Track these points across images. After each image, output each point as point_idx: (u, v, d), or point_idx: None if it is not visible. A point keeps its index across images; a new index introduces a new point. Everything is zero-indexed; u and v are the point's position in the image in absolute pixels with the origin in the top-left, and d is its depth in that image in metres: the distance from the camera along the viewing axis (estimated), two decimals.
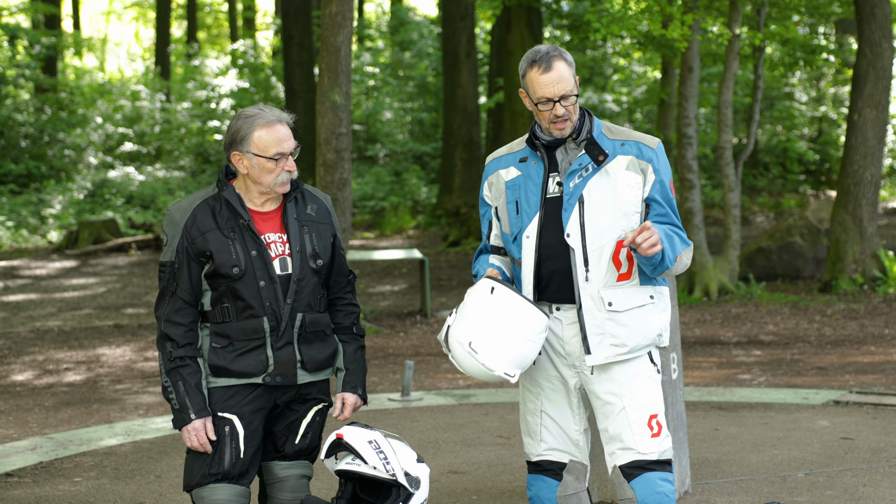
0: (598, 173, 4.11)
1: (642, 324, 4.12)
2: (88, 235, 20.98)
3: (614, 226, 4.09)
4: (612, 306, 4.09)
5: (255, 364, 4.14)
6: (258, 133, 4.12)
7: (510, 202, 4.20)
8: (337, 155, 11.66)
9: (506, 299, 4.01)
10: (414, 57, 30.59)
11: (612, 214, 4.09)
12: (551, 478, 4.22)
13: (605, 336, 4.10)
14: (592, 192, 4.09)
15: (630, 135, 4.19)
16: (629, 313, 4.10)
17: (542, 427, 4.22)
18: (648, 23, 14.17)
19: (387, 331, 12.71)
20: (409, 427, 7.57)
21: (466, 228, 20.80)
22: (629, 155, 4.13)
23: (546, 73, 4.07)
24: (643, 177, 4.12)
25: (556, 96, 4.07)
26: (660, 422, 4.13)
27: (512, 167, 4.23)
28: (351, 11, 11.52)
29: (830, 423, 7.43)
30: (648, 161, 4.13)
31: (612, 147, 4.14)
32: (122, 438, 7.47)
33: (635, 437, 4.10)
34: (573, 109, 4.10)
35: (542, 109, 4.10)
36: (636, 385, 4.13)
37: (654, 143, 4.18)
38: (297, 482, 4.27)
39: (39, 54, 28.86)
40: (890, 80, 14.42)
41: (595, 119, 4.20)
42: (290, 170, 4.14)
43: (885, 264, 14.33)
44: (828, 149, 26.78)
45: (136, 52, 46.06)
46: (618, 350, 4.10)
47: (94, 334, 12.72)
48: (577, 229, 4.08)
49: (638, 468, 4.10)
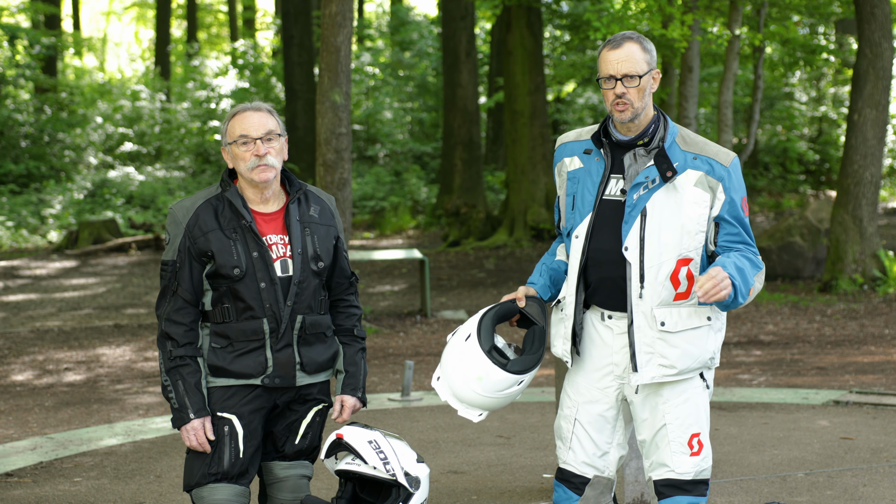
0: (665, 187, 3.94)
1: (695, 346, 3.98)
2: (88, 235, 20.97)
3: (676, 243, 3.94)
4: (664, 326, 3.95)
5: (254, 365, 4.14)
6: (231, 122, 4.18)
7: (569, 195, 4.09)
8: (337, 155, 11.66)
9: (472, 351, 4.05)
10: (414, 57, 30.59)
11: (675, 231, 3.94)
12: (572, 491, 4.11)
13: (654, 356, 3.96)
14: (656, 206, 3.94)
15: (704, 148, 4.01)
16: (682, 335, 3.96)
17: (574, 436, 4.11)
18: (648, 23, 14.17)
19: (387, 331, 12.71)
20: (409, 427, 7.57)
21: (466, 228, 20.80)
22: (699, 171, 3.96)
23: (613, 51, 3.95)
24: (712, 195, 3.95)
25: (619, 73, 3.93)
26: (702, 440, 4.01)
27: (576, 157, 4.10)
28: (351, 11, 11.52)
29: (830, 423, 7.43)
30: (719, 180, 3.96)
31: (683, 160, 3.98)
32: (122, 438, 7.47)
33: (673, 456, 3.99)
34: (636, 94, 3.93)
35: (605, 87, 3.96)
36: (682, 402, 4.01)
37: (728, 159, 3.99)
38: (297, 482, 4.27)
39: (39, 54, 28.86)
40: (890, 80, 14.42)
41: (671, 126, 4.03)
42: (257, 153, 4.12)
43: (885, 264, 14.33)
44: (828, 149, 26.78)
45: (136, 52, 46.05)
46: (666, 371, 3.96)
47: (94, 334, 12.72)
48: (637, 243, 3.93)
49: (671, 487, 4.00)
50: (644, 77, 3.95)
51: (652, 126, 4.00)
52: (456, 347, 4.11)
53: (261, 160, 4.12)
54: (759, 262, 3.99)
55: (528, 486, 6.06)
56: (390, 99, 29.44)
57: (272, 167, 4.14)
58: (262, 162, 4.12)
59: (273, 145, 4.15)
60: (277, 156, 4.17)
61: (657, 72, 4.01)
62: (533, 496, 5.88)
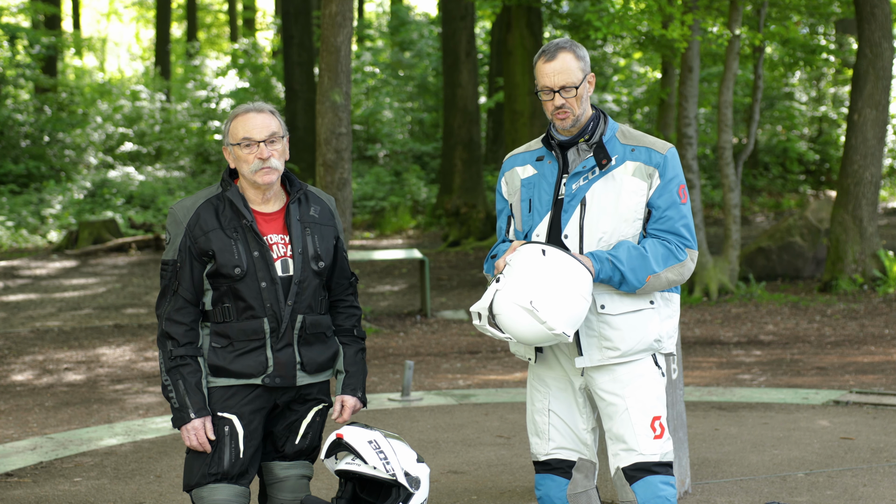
0: (604, 177, 4.10)
1: (636, 329, 4.09)
2: (88, 235, 20.98)
3: (614, 231, 4.08)
4: (604, 309, 4.08)
5: (254, 365, 4.14)
6: (233, 123, 4.17)
7: (524, 200, 4.21)
8: (337, 155, 11.66)
9: (559, 259, 3.97)
10: (414, 57, 30.59)
11: (613, 220, 4.08)
12: (561, 476, 4.22)
13: (596, 339, 4.09)
14: (596, 195, 4.08)
15: (642, 140, 4.16)
16: (622, 317, 4.08)
17: (551, 426, 4.22)
18: (648, 23, 14.17)
19: (387, 331, 12.71)
20: (409, 427, 7.57)
21: (466, 228, 20.80)
22: (637, 161, 4.10)
23: (548, 63, 4.10)
24: (649, 182, 4.10)
25: (556, 86, 4.08)
26: (662, 424, 4.13)
27: (529, 165, 4.24)
28: (351, 11, 11.52)
29: (830, 423, 7.43)
30: (656, 167, 4.10)
31: (622, 152, 4.12)
32: (122, 438, 7.47)
33: (638, 439, 4.10)
34: (575, 102, 4.09)
35: (544, 99, 4.13)
36: (639, 386, 4.11)
37: (664, 148, 4.14)
38: (297, 482, 4.27)
39: (39, 54, 28.87)
40: (890, 80, 14.42)
41: (611, 122, 4.19)
42: (260, 156, 4.13)
43: (885, 264, 14.33)
44: (828, 149, 26.78)
45: (136, 52, 46.06)
46: (610, 353, 4.08)
47: (94, 334, 12.72)
48: (576, 232, 4.08)
49: (641, 470, 4.09)
50: (580, 86, 4.10)
51: (591, 123, 4.16)
52: (537, 263, 3.95)
53: (264, 163, 4.12)
54: (678, 255, 4.09)
55: (528, 486, 6.06)
56: (390, 99, 29.45)
57: (275, 170, 4.15)
58: (265, 165, 4.13)
59: (276, 147, 4.15)
60: (280, 158, 4.17)
61: (592, 76, 4.16)
62: (533, 496, 5.88)
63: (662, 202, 4.10)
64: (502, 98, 22.53)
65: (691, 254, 4.13)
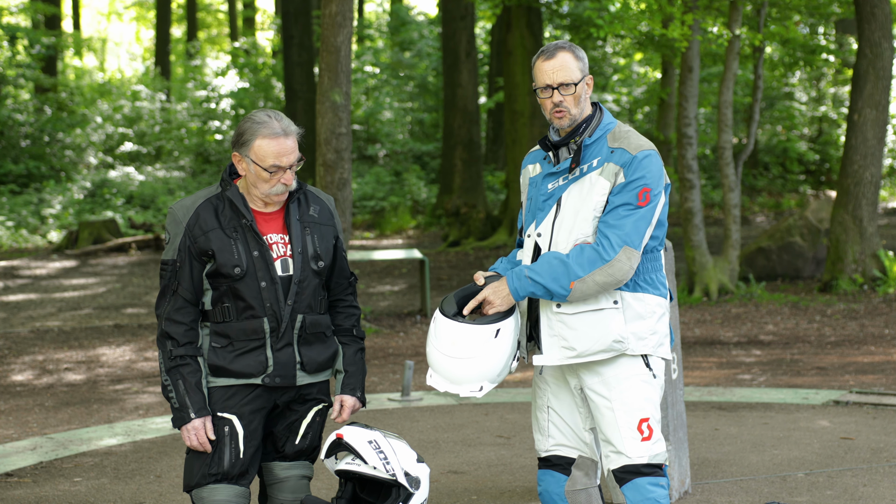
0: (580, 180, 4.11)
1: (594, 329, 4.05)
2: (88, 235, 20.98)
3: (576, 230, 4.08)
4: (560, 308, 4.08)
5: (254, 364, 4.14)
6: (259, 142, 4.08)
7: (529, 198, 4.26)
8: (337, 155, 11.66)
9: (438, 323, 4.10)
10: (414, 57, 30.59)
11: (576, 219, 4.08)
12: (560, 472, 4.24)
13: (555, 338, 4.09)
14: (570, 197, 4.11)
15: (624, 141, 4.10)
16: (578, 317, 4.06)
17: (550, 423, 4.24)
18: (648, 23, 14.17)
19: (387, 331, 12.71)
20: (409, 427, 7.57)
21: (466, 228, 20.80)
22: (610, 161, 4.08)
23: (548, 61, 4.12)
24: (612, 181, 4.06)
25: (554, 83, 4.10)
26: (651, 425, 4.09)
27: (538, 163, 4.29)
28: (351, 11, 11.52)
29: (830, 423, 7.43)
30: (622, 166, 4.05)
31: (605, 153, 4.09)
32: (122, 438, 7.47)
33: (624, 442, 4.08)
34: (572, 101, 4.11)
35: (542, 97, 4.14)
36: (626, 388, 4.09)
37: (637, 149, 4.07)
38: (297, 483, 4.27)
39: (39, 54, 28.87)
40: (890, 80, 14.42)
41: (605, 122, 4.16)
42: (286, 182, 4.11)
43: (885, 264, 14.33)
44: (828, 149, 26.78)
45: (137, 52, 46.06)
46: (567, 353, 4.07)
47: (94, 334, 12.72)
48: (548, 230, 4.12)
49: (629, 473, 4.09)
50: (579, 84, 4.11)
51: (584, 124, 4.16)
52: (428, 335, 4.19)
53: (287, 187, 4.13)
54: (605, 255, 3.99)
55: (528, 486, 6.06)
56: (390, 99, 29.45)
57: (290, 189, 4.16)
58: (286, 189, 4.13)
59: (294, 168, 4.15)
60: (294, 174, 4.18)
61: (590, 77, 4.19)
62: (533, 496, 5.88)
63: (617, 199, 4.05)
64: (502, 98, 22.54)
65: (626, 252, 3.99)
